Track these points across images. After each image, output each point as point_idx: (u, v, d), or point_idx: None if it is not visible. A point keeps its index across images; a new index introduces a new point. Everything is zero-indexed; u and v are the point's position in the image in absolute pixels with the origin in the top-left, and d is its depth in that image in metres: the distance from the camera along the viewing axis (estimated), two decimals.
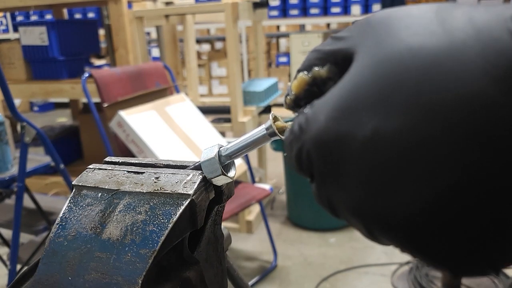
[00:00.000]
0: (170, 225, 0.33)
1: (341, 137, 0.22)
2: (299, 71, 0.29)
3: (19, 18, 6.37)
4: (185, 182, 0.36)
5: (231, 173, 0.38)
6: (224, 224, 0.86)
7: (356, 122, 0.21)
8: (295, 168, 0.26)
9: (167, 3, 3.05)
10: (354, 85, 0.22)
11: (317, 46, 0.28)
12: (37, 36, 2.53)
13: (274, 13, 5.92)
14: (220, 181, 0.37)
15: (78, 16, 6.09)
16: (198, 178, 0.36)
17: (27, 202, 1.79)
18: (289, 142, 0.26)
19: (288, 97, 0.29)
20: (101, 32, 3.03)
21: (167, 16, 2.70)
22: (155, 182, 0.36)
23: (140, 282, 0.32)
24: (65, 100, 4.54)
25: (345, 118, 0.22)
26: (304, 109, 0.26)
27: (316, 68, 0.27)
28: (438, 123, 0.19)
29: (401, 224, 0.21)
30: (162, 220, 0.34)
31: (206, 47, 6.29)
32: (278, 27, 6.40)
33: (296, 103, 0.29)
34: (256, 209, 2.59)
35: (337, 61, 0.26)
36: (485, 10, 0.21)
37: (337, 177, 0.23)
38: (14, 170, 1.66)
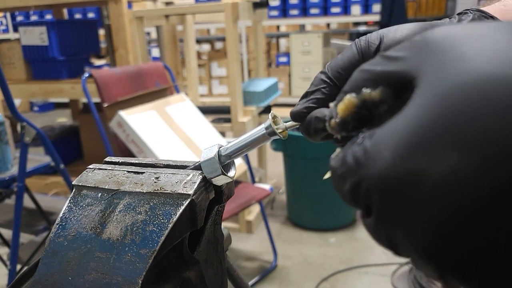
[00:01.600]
0: (170, 225, 0.33)
1: (412, 177, 0.20)
2: (345, 92, 0.27)
3: (19, 18, 6.37)
4: (185, 182, 0.36)
5: (231, 173, 0.38)
6: (224, 224, 0.86)
7: (429, 160, 0.19)
8: (348, 201, 0.25)
9: (167, 3, 3.05)
10: (423, 118, 0.20)
11: (365, 65, 0.26)
12: (37, 36, 2.53)
13: (274, 13, 5.92)
14: (220, 181, 0.37)
15: (78, 16, 6.09)
16: (198, 178, 0.36)
17: (27, 202, 1.79)
18: (340, 174, 0.24)
19: (333, 121, 0.27)
20: (101, 32, 3.03)
21: (167, 16, 2.70)
22: (155, 182, 0.36)
23: (140, 282, 0.32)
24: (65, 100, 4.55)
25: (415, 156, 0.20)
26: (358, 138, 0.24)
27: (366, 90, 0.25)
28: None
29: (481, 271, 0.19)
30: (162, 220, 0.34)
31: (206, 47, 6.29)
32: (278, 27, 6.41)
33: (343, 126, 0.27)
34: (256, 209, 2.59)
35: (392, 83, 0.24)
36: None
37: (404, 218, 0.21)
38: (14, 170, 1.66)
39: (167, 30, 3.01)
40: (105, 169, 0.39)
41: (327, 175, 0.29)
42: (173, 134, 1.87)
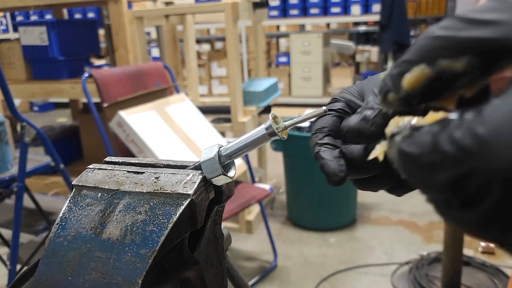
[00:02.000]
0: (170, 225, 0.33)
1: None
2: (411, 62, 0.23)
3: (19, 18, 6.37)
4: (185, 182, 0.36)
5: (231, 173, 0.38)
6: (224, 224, 0.85)
7: None
8: (434, 192, 0.20)
9: (167, 3, 3.05)
10: None
11: (438, 31, 0.21)
12: (37, 36, 2.53)
13: (274, 13, 5.92)
14: (220, 181, 0.37)
15: (78, 16, 6.09)
16: (198, 178, 0.36)
17: (27, 202, 1.79)
18: (430, 162, 0.20)
19: (392, 95, 0.24)
20: (101, 32, 3.03)
21: (167, 16, 2.70)
22: (155, 182, 0.36)
23: (140, 282, 0.32)
24: (65, 100, 4.55)
25: None
26: (452, 118, 0.20)
27: (444, 61, 0.21)
28: None
29: None
30: (162, 220, 0.34)
31: (206, 47, 6.29)
32: (278, 27, 6.41)
33: (405, 101, 0.23)
34: (256, 209, 2.59)
35: (482, 52, 0.20)
36: None
37: None
38: (14, 170, 1.66)
39: (167, 30, 3.01)
40: (105, 169, 0.39)
41: (374, 154, 0.25)
42: (173, 134, 1.87)
